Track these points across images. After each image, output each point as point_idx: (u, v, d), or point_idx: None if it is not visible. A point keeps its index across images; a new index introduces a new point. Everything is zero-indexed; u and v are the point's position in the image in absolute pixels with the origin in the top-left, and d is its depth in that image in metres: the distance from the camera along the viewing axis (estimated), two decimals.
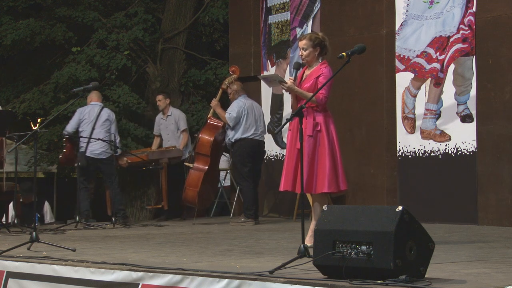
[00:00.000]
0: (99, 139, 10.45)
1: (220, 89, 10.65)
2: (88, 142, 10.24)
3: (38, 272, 5.78)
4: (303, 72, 6.90)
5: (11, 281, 5.93)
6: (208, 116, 10.51)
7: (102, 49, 14.08)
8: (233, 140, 10.23)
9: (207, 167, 10.32)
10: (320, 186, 6.69)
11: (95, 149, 10.51)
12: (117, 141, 10.72)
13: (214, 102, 10.42)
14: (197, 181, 10.26)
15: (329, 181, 6.65)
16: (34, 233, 6.72)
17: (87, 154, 10.49)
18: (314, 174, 6.68)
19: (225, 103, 10.95)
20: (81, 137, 10.40)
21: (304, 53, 6.81)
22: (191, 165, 10.42)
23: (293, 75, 6.78)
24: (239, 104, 10.30)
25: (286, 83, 6.69)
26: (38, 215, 10.77)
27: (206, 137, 10.32)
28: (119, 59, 13.96)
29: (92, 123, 10.48)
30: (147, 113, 14.21)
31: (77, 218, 10.10)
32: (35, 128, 8.29)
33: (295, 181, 6.70)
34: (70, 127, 10.68)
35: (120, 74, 14.46)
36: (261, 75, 10.64)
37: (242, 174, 10.22)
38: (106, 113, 10.71)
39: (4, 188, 10.15)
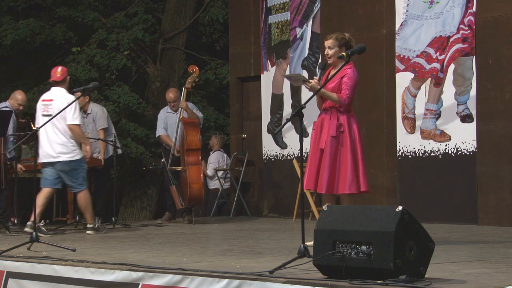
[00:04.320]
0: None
1: (185, 89, 10.45)
2: None
3: (38, 272, 5.78)
4: (329, 72, 6.92)
5: (11, 281, 5.93)
6: (181, 117, 10.35)
7: (102, 49, 14.08)
8: None
9: (200, 158, 10.30)
10: (342, 187, 6.74)
11: None
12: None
13: (184, 104, 10.33)
14: (199, 175, 10.19)
15: (350, 182, 6.72)
16: (34, 233, 6.71)
17: None
18: (336, 175, 6.73)
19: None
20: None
21: (330, 52, 6.84)
22: (178, 168, 10.33)
23: (318, 75, 6.80)
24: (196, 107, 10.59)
25: (309, 82, 6.72)
26: None
27: (193, 133, 10.24)
28: (119, 59, 13.96)
29: None
30: (147, 113, 14.21)
31: (77, 218, 10.09)
32: (35, 128, 8.23)
33: (317, 181, 6.74)
34: None
35: (120, 74, 14.46)
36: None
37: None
38: None
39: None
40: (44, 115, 8.76)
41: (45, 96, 9.01)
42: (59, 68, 9.06)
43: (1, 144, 9.60)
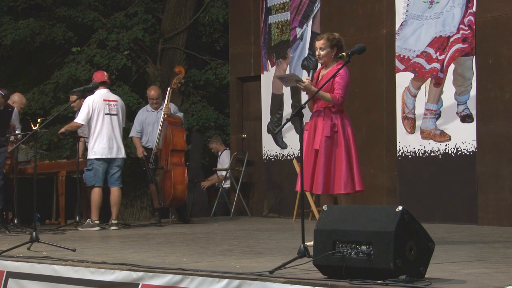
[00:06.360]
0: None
1: (171, 89, 10.39)
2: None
3: (38, 272, 5.78)
4: (319, 72, 6.93)
5: (11, 281, 5.92)
6: (165, 117, 10.28)
7: (102, 49, 14.09)
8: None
9: (183, 160, 10.32)
10: (337, 187, 6.74)
11: None
12: None
13: (168, 110, 10.27)
14: (183, 176, 10.18)
15: (345, 182, 6.72)
16: (34, 233, 6.72)
17: None
18: (332, 175, 6.73)
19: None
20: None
21: (322, 52, 6.85)
22: (161, 167, 10.27)
23: (310, 75, 6.81)
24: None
25: (303, 82, 6.73)
26: (38, 215, 10.72)
27: (179, 134, 10.22)
28: (119, 59, 13.96)
29: None
30: None
31: (77, 218, 10.09)
32: (35, 128, 8.24)
33: (312, 182, 6.74)
34: None
35: (120, 74, 14.46)
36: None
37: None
38: None
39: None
40: (107, 114, 9.77)
41: (107, 96, 9.89)
42: (105, 72, 10.19)
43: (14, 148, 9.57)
